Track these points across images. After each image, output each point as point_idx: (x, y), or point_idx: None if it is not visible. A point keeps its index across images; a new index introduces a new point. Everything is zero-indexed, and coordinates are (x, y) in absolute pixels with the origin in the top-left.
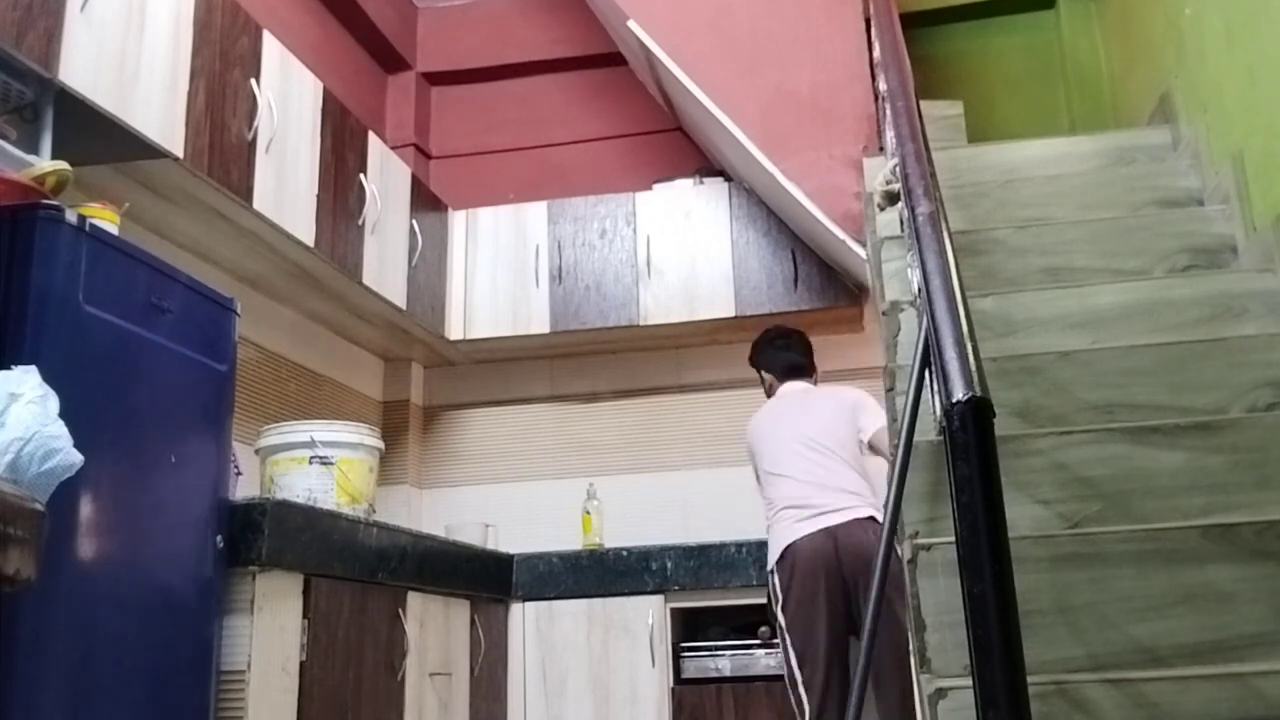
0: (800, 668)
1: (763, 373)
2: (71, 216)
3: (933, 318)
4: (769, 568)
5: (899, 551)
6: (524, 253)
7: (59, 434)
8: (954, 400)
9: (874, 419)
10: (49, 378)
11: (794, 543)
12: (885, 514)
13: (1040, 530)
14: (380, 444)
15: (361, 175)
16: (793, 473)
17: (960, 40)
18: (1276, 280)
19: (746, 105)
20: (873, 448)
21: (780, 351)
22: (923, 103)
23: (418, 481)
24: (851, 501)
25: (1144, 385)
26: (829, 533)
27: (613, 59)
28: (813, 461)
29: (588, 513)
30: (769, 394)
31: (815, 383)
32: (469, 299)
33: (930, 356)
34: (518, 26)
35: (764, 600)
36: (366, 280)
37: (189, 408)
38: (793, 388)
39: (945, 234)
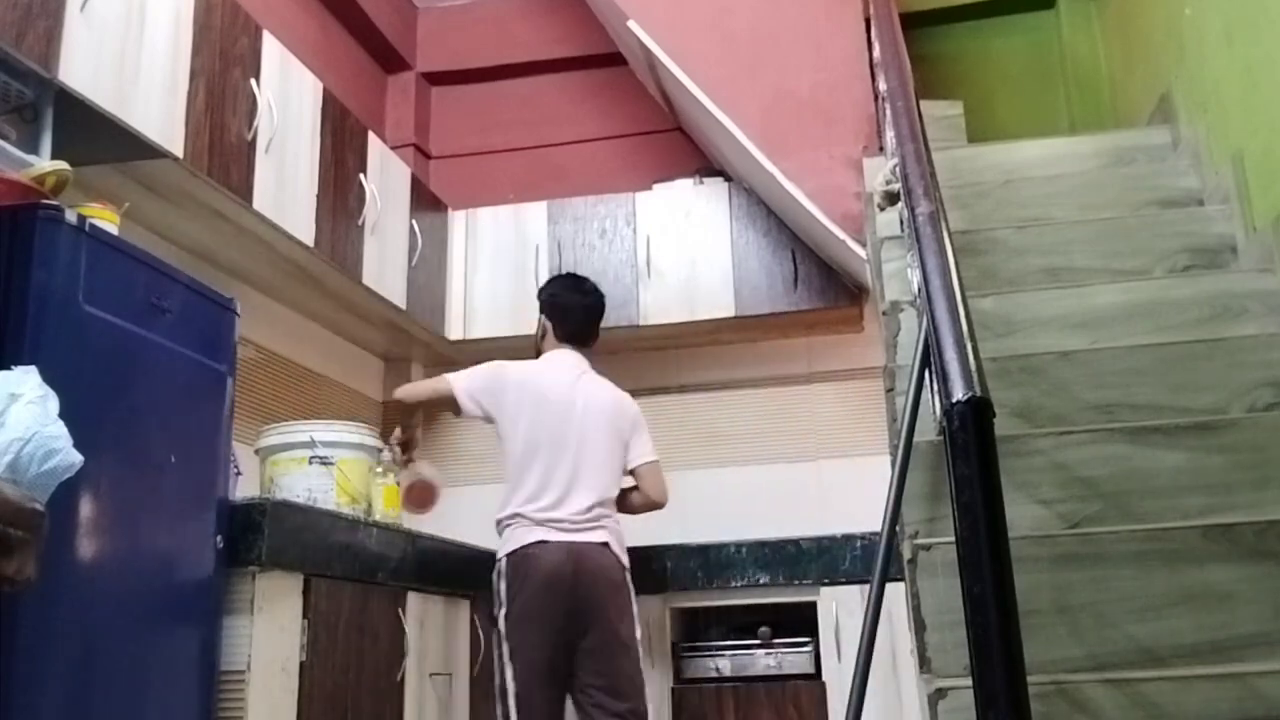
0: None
1: (546, 319)
2: (71, 216)
3: (933, 318)
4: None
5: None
6: (524, 253)
7: (59, 434)
8: (954, 400)
9: (647, 441)
10: (49, 378)
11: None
12: (885, 514)
13: (1040, 530)
14: (380, 444)
15: (361, 175)
16: (557, 465)
17: (960, 40)
18: (1276, 280)
19: (746, 105)
20: (637, 479)
21: (578, 305)
22: (923, 103)
23: None
24: (596, 518)
25: (1144, 385)
26: (569, 549)
27: (613, 59)
28: (579, 461)
29: None
30: (540, 349)
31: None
32: (469, 299)
33: (930, 356)
34: (518, 26)
35: (764, 600)
36: (366, 280)
37: (189, 408)
38: (570, 359)
39: (945, 234)
